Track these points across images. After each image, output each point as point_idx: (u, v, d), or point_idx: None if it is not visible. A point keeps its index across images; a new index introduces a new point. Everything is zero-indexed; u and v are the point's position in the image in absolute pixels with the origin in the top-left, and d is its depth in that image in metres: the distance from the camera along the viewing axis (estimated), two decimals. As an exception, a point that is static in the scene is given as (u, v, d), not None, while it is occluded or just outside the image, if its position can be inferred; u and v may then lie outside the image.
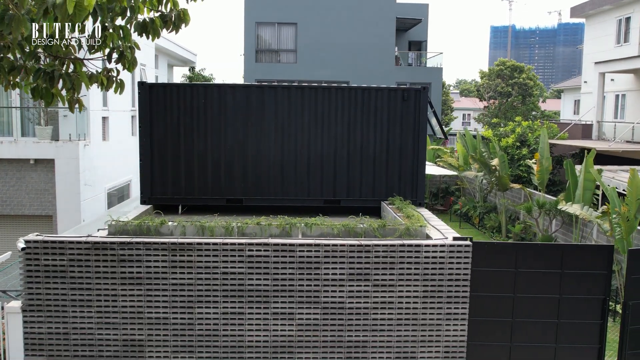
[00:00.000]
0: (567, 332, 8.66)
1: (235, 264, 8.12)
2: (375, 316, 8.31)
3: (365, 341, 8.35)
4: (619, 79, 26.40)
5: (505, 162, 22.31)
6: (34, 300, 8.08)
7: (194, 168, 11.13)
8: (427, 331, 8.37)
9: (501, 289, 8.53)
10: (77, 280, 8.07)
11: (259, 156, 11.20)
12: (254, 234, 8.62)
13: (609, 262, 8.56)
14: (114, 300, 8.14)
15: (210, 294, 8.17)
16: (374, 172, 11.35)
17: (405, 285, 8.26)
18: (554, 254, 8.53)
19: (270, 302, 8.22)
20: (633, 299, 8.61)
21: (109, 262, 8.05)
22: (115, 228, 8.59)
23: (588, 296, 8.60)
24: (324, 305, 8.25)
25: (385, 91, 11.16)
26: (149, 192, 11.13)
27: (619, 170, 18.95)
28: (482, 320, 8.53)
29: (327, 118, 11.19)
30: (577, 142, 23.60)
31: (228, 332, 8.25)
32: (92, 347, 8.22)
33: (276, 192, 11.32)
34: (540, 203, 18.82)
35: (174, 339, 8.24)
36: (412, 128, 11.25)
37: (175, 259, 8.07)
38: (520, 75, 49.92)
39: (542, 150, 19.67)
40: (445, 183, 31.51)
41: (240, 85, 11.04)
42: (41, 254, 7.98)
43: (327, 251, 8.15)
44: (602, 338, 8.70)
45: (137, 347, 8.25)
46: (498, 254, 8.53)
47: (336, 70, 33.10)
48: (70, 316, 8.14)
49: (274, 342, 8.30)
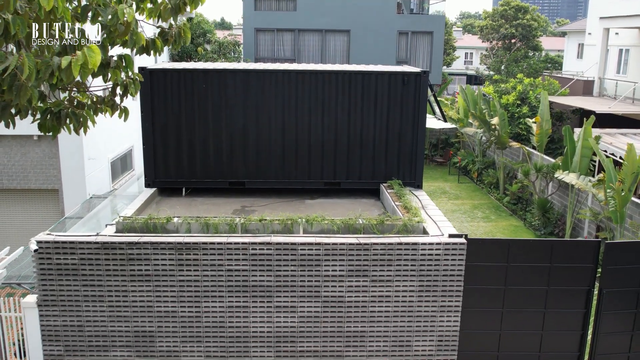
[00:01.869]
0: (553, 320, 9.14)
1: (240, 261, 8.48)
2: (373, 309, 8.75)
3: (364, 331, 8.84)
4: (623, 34, 25.95)
5: (505, 120, 22.35)
6: (49, 296, 8.49)
7: (196, 152, 11.31)
8: (422, 322, 8.84)
9: (493, 281, 8.93)
10: (89, 278, 8.45)
11: (260, 139, 11.34)
12: (256, 230, 8.93)
13: (595, 256, 8.93)
14: (125, 295, 8.55)
15: (216, 289, 8.57)
16: (373, 155, 11.53)
17: (402, 281, 8.66)
18: (544, 249, 8.88)
19: (273, 296, 8.64)
20: (607, 287, 9.04)
21: (118, 260, 8.40)
22: (122, 225, 8.89)
23: (574, 287, 9.03)
24: (324, 299, 8.68)
25: (386, 75, 11.16)
26: (153, 175, 11.36)
27: (617, 133, 19.06)
28: (474, 310, 8.98)
29: (327, 102, 11.25)
30: (578, 100, 23.52)
31: (234, 324, 8.72)
32: (106, 338, 8.71)
33: (277, 174, 11.54)
34: (537, 167, 19.06)
35: (183, 330, 8.72)
36: (412, 111, 11.34)
37: (182, 257, 8.42)
38: (525, 16, 48.85)
39: (542, 112, 19.69)
40: (445, 134, 31.59)
41: (241, 70, 11.03)
42: (53, 253, 8.32)
43: (327, 249, 8.49)
44: (585, 325, 9.20)
45: (148, 338, 8.74)
46: (491, 249, 8.87)
47: (336, 19, 32.41)
48: (83, 310, 8.58)
49: (277, 332, 8.79)
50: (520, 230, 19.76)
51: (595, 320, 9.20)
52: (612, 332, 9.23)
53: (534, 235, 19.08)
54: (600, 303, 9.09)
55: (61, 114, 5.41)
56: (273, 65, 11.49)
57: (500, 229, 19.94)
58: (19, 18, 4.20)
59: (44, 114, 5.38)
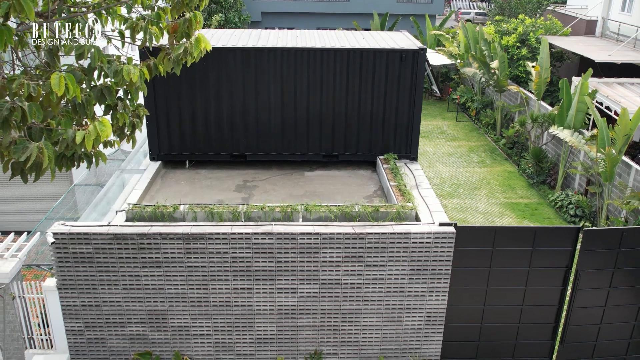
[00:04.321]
0: (533, 295, 9.92)
1: (243, 250, 9.09)
2: (367, 290, 9.48)
3: (358, 309, 9.63)
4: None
5: (505, 62, 22.26)
6: (67, 281, 9.19)
7: (198, 126, 11.63)
8: (412, 301, 9.60)
9: (479, 263, 9.61)
10: (103, 265, 9.11)
11: (261, 115, 11.63)
12: (258, 218, 9.47)
13: (574, 240, 9.55)
14: (138, 279, 9.25)
15: (222, 274, 9.26)
16: (370, 129, 11.86)
17: (394, 265, 9.32)
18: (527, 235, 9.49)
19: (275, 279, 9.33)
20: (583, 269, 9.74)
21: (130, 249, 9.01)
22: (132, 214, 9.42)
23: (553, 268, 9.72)
24: (322, 282, 9.38)
25: (384, 53, 11.26)
26: (157, 149, 11.75)
27: (615, 83, 19.12)
28: (461, 288, 9.72)
29: (326, 78, 11.43)
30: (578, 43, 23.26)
31: (239, 303, 9.49)
32: (122, 316, 9.51)
33: (277, 148, 11.92)
34: (533, 116, 19.30)
35: (192, 309, 9.50)
36: (409, 87, 11.54)
37: (189, 246, 9.03)
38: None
39: (541, 60, 19.64)
40: (445, 68, 31.37)
41: (239, 49, 11.11)
42: (69, 244, 8.92)
43: (325, 239, 9.08)
44: (561, 300, 9.99)
45: (161, 315, 9.54)
46: (478, 235, 9.46)
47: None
48: (100, 292, 9.31)
49: (279, 310, 9.57)
50: (513, 176, 20.33)
51: (571, 297, 9.98)
52: (585, 306, 10.04)
53: (526, 183, 19.67)
54: (575, 282, 9.82)
55: (74, 156, 5.76)
56: (272, 42, 11.53)
57: (494, 175, 20.50)
58: (34, 105, 4.49)
59: (57, 159, 5.72)
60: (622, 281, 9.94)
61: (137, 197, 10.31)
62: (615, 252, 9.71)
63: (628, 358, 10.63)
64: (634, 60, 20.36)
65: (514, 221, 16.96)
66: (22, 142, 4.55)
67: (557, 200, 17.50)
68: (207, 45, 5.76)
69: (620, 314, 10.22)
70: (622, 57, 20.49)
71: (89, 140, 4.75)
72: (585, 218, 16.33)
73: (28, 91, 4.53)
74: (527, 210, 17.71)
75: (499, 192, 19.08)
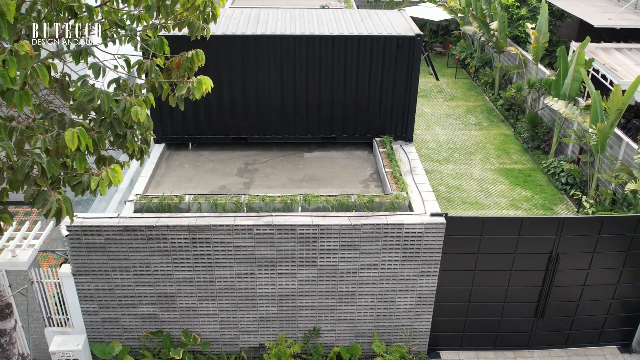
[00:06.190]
0: (518, 278, 10.59)
1: (246, 239, 9.68)
2: (362, 274, 10.14)
3: (354, 291, 10.32)
4: None
5: (505, 22, 22.16)
6: (81, 268, 9.82)
7: (200, 109, 11.96)
8: (404, 284, 10.28)
9: (468, 249, 10.22)
10: (115, 254, 9.71)
11: (261, 99, 11.94)
12: (259, 209, 9.99)
13: (558, 229, 10.11)
14: (147, 266, 9.88)
15: (226, 261, 9.88)
16: (367, 112, 12.20)
17: (388, 253, 9.93)
18: (513, 225, 10.05)
19: (276, 266, 9.97)
20: (563, 252, 10.35)
21: (139, 240, 9.60)
22: (140, 205, 9.94)
23: (538, 253, 10.35)
24: (320, 268, 10.02)
25: (382, 39, 11.45)
26: (160, 132, 12.13)
27: (613, 48, 19.17)
28: (450, 271, 10.38)
29: (324, 64, 11.67)
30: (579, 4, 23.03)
31: (242, 287, 10.17)
32: (134, 298, 10.21)
33: (277, 130, 12.30)
34: (530, 82, 19.48)
35: (199, 292, 10.19)
36: (406, 72, 11.80)
37: (195, 237, 9.60)
38: None
39: (540, 25, 19.59)
40: (446, 21, 31.02)
41: (240, 36, 11.29)
42: (82, 236, 9.49)
43: (322, 229, 9.65)
44: (545, 281, 10.67)
45: (170, 298, 10.24)
46: (467, 224, 10.02)
47: None
48: (112, 278, 9.97)
49: (280, 292, 10.27)
50: (509, 140, 20.70)
51: (552, 277, 10.64)
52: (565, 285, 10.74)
53: (521, 147, 20.08)
54: (556, 264, 10.46)
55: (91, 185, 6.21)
56: (271, 29, 11.68)
57: (490, 139, 20.87)
58: (52, 160, 4.91)
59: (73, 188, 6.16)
60: (602, 264, 10.58)
61: (143, 184, 10.80)
62: (595, 238, 10.30)
63: (604, 331, 11.44)
64: (634, 25, 20.30)
65: (507, 188, 17.50)
66: (43, 195, 5.01)
67: (550, 167, 17.98)
68: (208, 87, 6.09)
69: (598, 291, 10.93)
70: (621, 22, 20.41)
71: (102, 186, 5.20)
72: (575, 186, 16.85)
73: (45, 146, 4.94)
74: (521, 177, 18.21)
75: (494, 157, 19.52)
